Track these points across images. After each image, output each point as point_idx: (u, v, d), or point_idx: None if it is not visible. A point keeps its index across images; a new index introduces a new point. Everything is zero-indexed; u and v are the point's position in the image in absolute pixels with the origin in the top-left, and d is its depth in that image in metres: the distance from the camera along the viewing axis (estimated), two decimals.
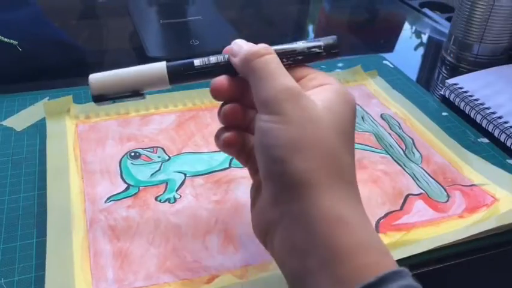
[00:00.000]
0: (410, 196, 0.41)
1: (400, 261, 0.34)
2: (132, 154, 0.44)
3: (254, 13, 0.85)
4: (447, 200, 0.40)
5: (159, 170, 0.42)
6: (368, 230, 0.25)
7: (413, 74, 0.63)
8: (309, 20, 0.89)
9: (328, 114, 0.27)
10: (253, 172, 0.32)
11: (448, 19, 0.79)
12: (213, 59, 0.31)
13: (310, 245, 0.25)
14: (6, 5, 0.59)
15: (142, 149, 0.44)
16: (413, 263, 0.35)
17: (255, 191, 0.31)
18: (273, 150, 0.26)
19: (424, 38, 0.78)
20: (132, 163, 0.43)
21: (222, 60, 0.31)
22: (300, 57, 0.31)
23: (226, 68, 0.31)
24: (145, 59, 0.60)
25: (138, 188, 0.40)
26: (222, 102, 0.32)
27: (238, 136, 0.32)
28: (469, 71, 0.61)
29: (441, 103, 0.55)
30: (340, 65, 0.61)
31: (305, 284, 0.25)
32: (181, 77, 0.31)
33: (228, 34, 0.67)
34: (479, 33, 0.61)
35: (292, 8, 0.90)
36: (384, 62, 0.63)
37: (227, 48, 0.31)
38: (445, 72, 0.65)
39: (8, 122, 0.48)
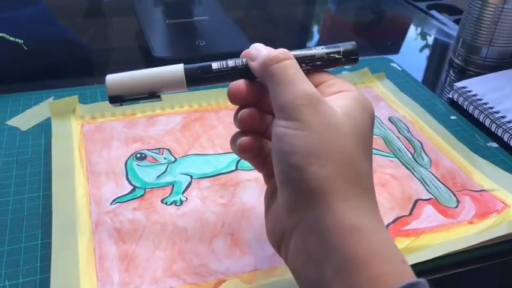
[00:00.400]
0: (419, 201, 0.40)
1: None
2: (138, 155, 0.43)
3: (260, 14, 0.84)
4: (457, 206, 0.40)
5: (165, 171, 0.42)
6: (384, 239, 0.25)
7: (419, 77, 0.63)
8: (314, 21, 0.88)
9: (347, 121, 0.26)
10: (268, 178, 0.32)
11: (456, 21, 0.78)
12: (231, 62, 0.31)
13: (325, 253, 0.24)
14: (12, 4, 0.59)
15: (148, 150, 0.44)
16: (422, 269, 0.34)
17: (269, 197, 0.31)
18: (290, 157, 0.26)
19: (431, 40, 0.77)
20: (138, 164, 0.42)
21: (240, 64, 0.31)
22: (318, 63, 0.31)
23: (244, 72, 0.31)
24: (151, 58, 0.60)
25: (144, 190, 0.40)
26: (237, 106, 0.32)
27: (255, 141, 0.31)
28: (478, 74, 0.61)
29: (449, 106, 0.55)
30: (347, 67, 0.61)
31: None
32: (199, 80, 0.31)
33: (234, 34, 0.66)
34: (488, 36, 0.60)
35: (298, 9, 0.90)
36: (392, 64, 0.63)
37: (245, 52, 0.31)
38: (453, 75, 0.64)
39: (13, 122, 0.47)
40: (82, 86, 0.53)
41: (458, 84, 0.56)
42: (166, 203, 0.39)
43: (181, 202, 0.39)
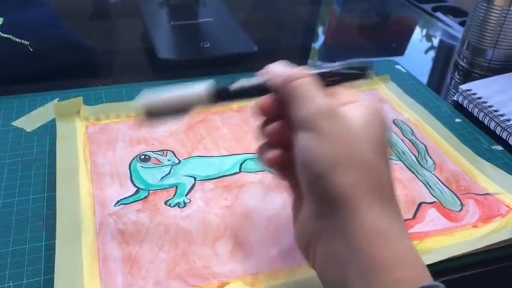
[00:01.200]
0: (423, 204, 0.40)
1: None
2: (142, 157, 0.43)
3: (265, 15, 0.84)
4: (461, 209, 0.40)
5: (169, 173, 0.42)
6: (407, 244, 0.26)
7: (424, 79, 0.63)
8: (319, 22, 0.88)
9: (363, 130, 0.28)
10: (293, 186, 0.32)
11: (462, 23, 0.78)
12: (248, 82, 0.32)
13: (351, 256, 0.26)
14: (18, 5, 0.59)
15: (152, 152, 0.44)
16: None
17: (296, 204, 0.31)
18: (313, 167, 0.27)
19: (436, 42, 0.77)
20: (142, 166, 0.42)
21: (258, 82, 0.32)
22: (335, 78, 0.32)
23: (262, 90, 0.32)
24: (156, 60, 0.60)
25: (148, 192, 0.40)
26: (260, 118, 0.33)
27: (283, 154, 0.32)
28: (482, 76, 0.61)
29: (454, 109, 0.55)
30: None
31: None
32: (221, 98, 0.32)
33: (239, 36, 0.66)
34: (493, 39, 0.60)
35: (303, 10, 0.90)
36: (396, 66, 0.63)
37: (262, 71, 0.32)
38: (458, 77, 0.64)
39: (18, 123, 0.48)
40: (87, 88, 0.53)
41: (463, 87, 0.56)
42: (169, 205, 0.39)
43: (185, 204, 0.39)
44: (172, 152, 0.44)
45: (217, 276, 0.33)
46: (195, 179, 0.42)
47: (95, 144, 0.44)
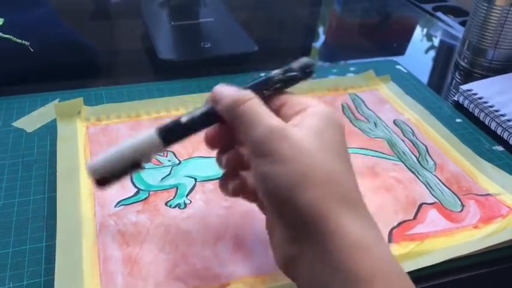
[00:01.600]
0: (423, 205, 0.40)
1: (413, 273, 0.34)
2: None
3: (266, 15, 0.84)
4: (461, 210, 0.40)
5: (170, 174, 0.42)
6: (384, 251, 0.26)
7: (425, 79, 0.63)
8: (320, 22, 0.88)
9: (318, 141, 0.27)
10: (263, 208, 0.32)
11: (462, 23, 0.78)
12: (198, 111, 0.31)
13: (330, 276, 0.25)
14: (18, 6, 0.59)
15: None
16: (426, 274, 0.34)
17: (269, 224, 0.31)
18: (276, 193, 0.26)
19: (437, 42, 0.77)
20: None
21: (209, 109, 0.31)
22: (278, 85, 0.31)
23: (214, 117, 0.31)
24: (156, 61, 0.60)
25: (148, 193, 0.40)
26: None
27: (244, 183, 0.32)
28: (483, 76, 0.60)
29: (455, 109, 0.55)
30: (352, 69, 0.61)
31: None
32: (174, 137, 0.31)
33: (240, 36, 0.66)
34: (494, 39, 0.60)
35: (303, 10, 0.90)
36: (397, 66, 0.62)
37: (209, 96, 0.31)
38: (459, 77, 0.64)
39: (19, 123, 0.48)
40: (87, 88, 0.53)
41: (464, 87, 0.56)
42: (170, 206, 0.39)
43: (186, 205, 0.39)
44: (173, 153, 0.44)
45: (217, 277, 0.33)
46: (195, 179, 0.42)
47: (96, 145, 0.44)
